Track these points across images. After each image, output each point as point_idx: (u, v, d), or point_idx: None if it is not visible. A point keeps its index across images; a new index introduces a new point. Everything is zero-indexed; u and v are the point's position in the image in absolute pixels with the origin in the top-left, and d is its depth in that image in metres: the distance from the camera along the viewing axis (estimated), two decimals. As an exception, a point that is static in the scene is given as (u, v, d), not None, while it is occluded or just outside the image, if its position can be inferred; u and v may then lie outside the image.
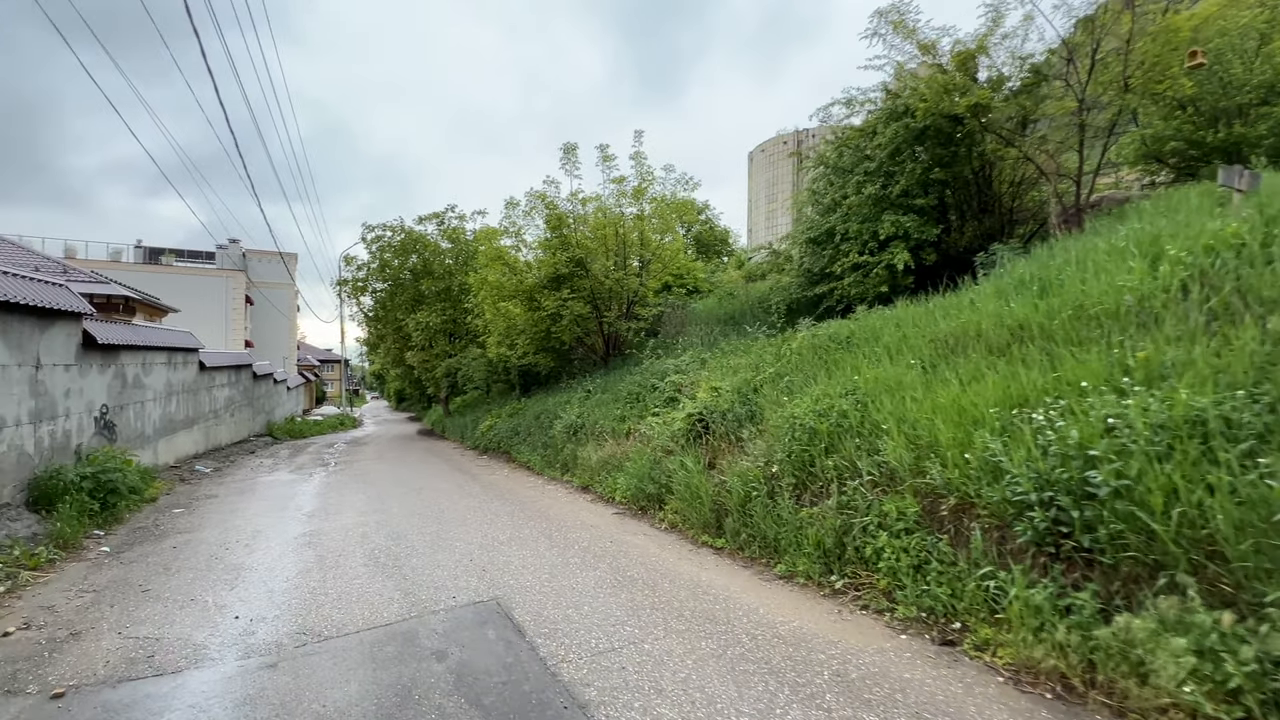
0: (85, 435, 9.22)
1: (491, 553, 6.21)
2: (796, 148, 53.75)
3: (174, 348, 13.31)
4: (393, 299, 25.12)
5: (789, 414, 6.15)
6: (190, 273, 40.16)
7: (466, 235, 24.47)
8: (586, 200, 15.07)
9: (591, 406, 12.03)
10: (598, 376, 14.46)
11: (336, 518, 8.16)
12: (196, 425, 15.13)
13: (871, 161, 10.59)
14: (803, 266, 12.12)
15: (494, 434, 15.49)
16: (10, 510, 6.85)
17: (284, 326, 48.45)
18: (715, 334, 13.21)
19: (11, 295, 7.07)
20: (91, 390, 9.47)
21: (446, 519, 7.84)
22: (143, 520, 8.26)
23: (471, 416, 20.12)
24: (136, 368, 11.28)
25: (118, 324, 10.61)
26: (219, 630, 4.45)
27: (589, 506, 8.36)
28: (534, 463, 12.03)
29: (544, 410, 13.78)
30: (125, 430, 10.75)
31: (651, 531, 6.87)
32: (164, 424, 12.80)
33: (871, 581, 4.52)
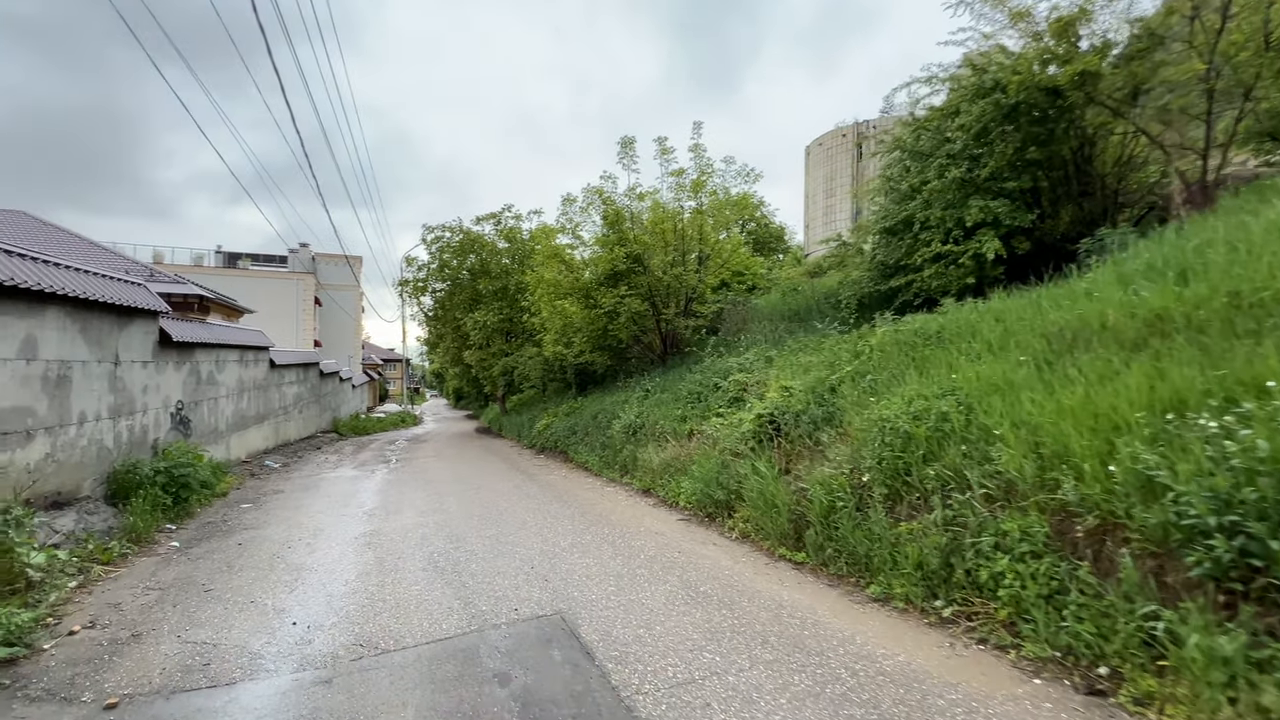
0: (162, 430, 9.47)
1: (553, 560, 5.87)
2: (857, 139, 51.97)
3: (246, 346, 13.69)
4: (451, 299, 25.45)
5: (877, 416, 5.56)
6: (264, 276, 42.11)
7: (523, 235, 24.56)
8: (644, 195, 14.68)
9: (650, 406, 11.63)
10: (655, 375, 14.06)
11: (396, 517, 8.04)
12: (267, 421, 15.58)
13: (954, 143, 9.76)
14: (875, 259, 11.35)
15: (550, 433, 15.31)
16: (89, 503, 7.00)
17: (350, 327, 50.29)
18: (779, 331, 12.58)
19: (91, 293, 7.24)
20: (167, 386, 9.73)
21: (506, 522, 7.58)
22: (212, 515, 8.36)
23: (528, 415, 20.07)
24: (210, 365, 11.60)
25: (193, 322, 10.93)
26: (276, 637, 4.25)
27: (652, 511, 7.95)
28: (592, 463, 11.72)
29: (601, 410, 13.47)
30: (199, 425, 11.06)
31: (722, 541, 6.39)
32: (236, 420, 13.17)
33: (988, 611, 3.91)
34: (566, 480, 10.88)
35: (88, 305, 7.36)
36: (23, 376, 6.27)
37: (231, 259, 44.37)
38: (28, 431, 6.33)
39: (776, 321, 13.39)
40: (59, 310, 6.85)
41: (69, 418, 7.04)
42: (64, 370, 6.96)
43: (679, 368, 14.01)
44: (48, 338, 6.66)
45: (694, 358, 14.35)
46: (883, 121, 50.58)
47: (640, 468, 9.73)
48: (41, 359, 6.56)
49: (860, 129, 51.85)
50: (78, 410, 7.21)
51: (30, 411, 6.38)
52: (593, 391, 17.38)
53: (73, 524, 6.31)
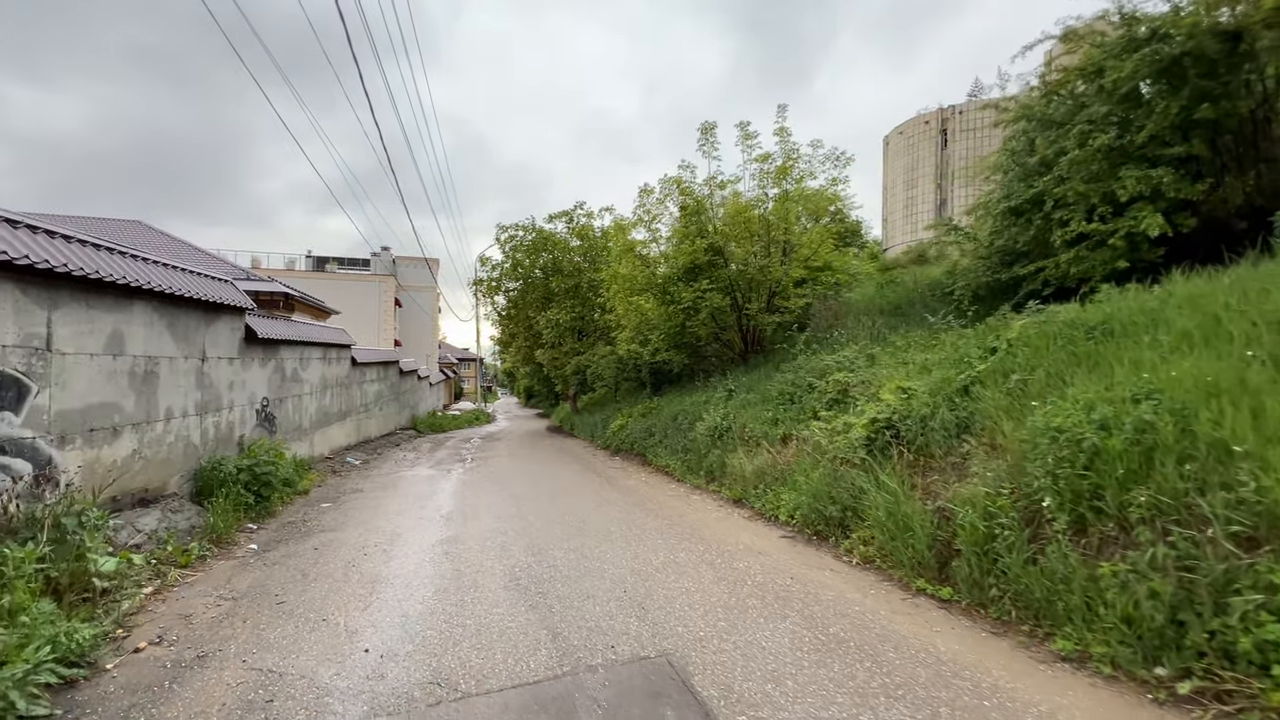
0: (247, 427, 9.46)
1: (647, 582, 5.16)
2: (941, 125, 48.91)
3: (329, 344, 13.81)
4: (524, 297, 25.40)
5: (1044, 424, 4.52)
6: (348, 278, 43.92)
7: (595, 232, 24.18)
8: (725, 183, 13.82)
9: (736, 408, 10.77)
10: (737, 375, 13.17)
11: (474, 522, 7.57)
12: (348, 418, 15.76)
13: (1097, 106, 8.39)
14: (994, 245, 10.04)
15: (626, 435, 14.69)
16: (174, 501, 6.88)
17: (428, 327, 51.83)
18: (877, 327, 11.43)
19: (178, 288, 7.14)
20: (253, 383, 9.73)
21: (589, 531, 6.95)
22: (293, 514, 8.19)
23: (600, 415, 19.59)
24: (294, 362, 11.66)
25: (278, 320, 11.00)
26: (346, 667, 3.74)
27: (749, 526, 7.12)
28: (673, 468, 10.98)
29: (681, 411, 12.71)
30: (284, 422, 11.09)
31: (839, 566, 5.49)
32: (319, 417, 13.27)
33: (1254, 691, 2.89)
34: (647, 486, 10.18)
35: (175, 301, 7.28)
36: (109, 372, 6.16)
37: (320, 263, 46.58)
38: (114, 428, 6.22)
39: (873, 316, 12.21)
40: (146, 305, 6.76)
41: (156, 414, 6.95)
42: (151, 366, 6.87)
43: (763, 367, 13.07)
44: (135, 333, 6.56)
45: (778, 356, 13.37)
46: (971, 106, 47.39)
47: (729, 475, 8.91)
48: (129, 354, 6.46)
49: (945, 114, 48.81)
50: (165, 406, 7.13)
51: (117, 408, 6.28)
52: (668, 391, 16.65)
53: (155, 523, 6.14)
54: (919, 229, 49.25)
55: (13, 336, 4.95)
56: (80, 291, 5.71)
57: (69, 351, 5.58)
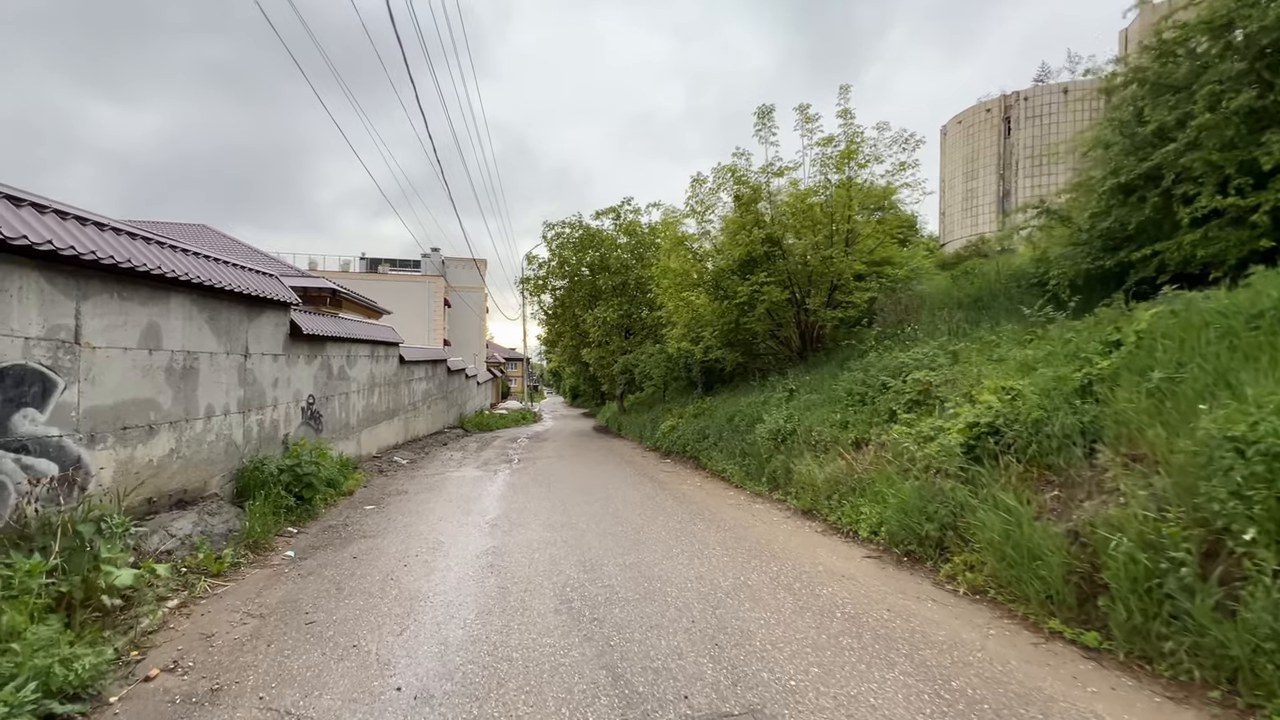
0: (292, 426, 9.20)
1: (718, 610, 4.46)
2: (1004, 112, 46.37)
3: (376, 341, 13.60)
4: (570, 295, 25.03)
5: (1220, 432, 3.61)
6: (399, 279, 44.65)
7: (642, 228, 23.58)
8: (784, 170, 12.95)
9: (799, 409, 9.94)
10: (797, 374, 12.30)
11: (521, 531, 7.02)
12: (396, 417, 15.58)
13: (1229, 63, 7.23)
14: (1095, 228, 8.89)
15: (677, 436, 13.99)
16: (212, 503, 6.56)
17: (476, 326, 52.34)
18: (955, 321, 10.40)
19: (218, 280, 6.84)
20: (298, 380, 9.47)
21: (646, 545, 6.30)
22: (335, 517, 7.82)
23: (649, 415, 18.95)
24: (341, 360, 11.43)
25: (324, 316, 10.79)
26: (374, 711, 3.18)
27: (824, 542, 6.33)
28: (731, 473, 10.22)
29: (737, 412, 11.93)
30: (330, 421, 10.85)
31: (943, 597, 4.66)
32: (367, 415, 13.07)
33: None
34: (703, 492, 9.46)
35: (215, 294, 6.98)
36: (144, 367, 5.85)
37: (373, 265, 47.58)
38: (150, 426, 5.91)
39: (948, 310, 11.16)
40: (184, 298, 6.46)
41: (195, 411, 6.66)
42: (190, 361, 6.57)
43: (825, 365, 12.17)
44: (172, 327, 6.26)
45: (841, 354, 12.45)
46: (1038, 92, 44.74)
47: (796, 483, 8.11)
48: (165, 349, 6.15)
49: (1008, 101, 46.28)
50: (205, 404, 6.83)
51: (153, 404, 5.97)
52: (721, 391, 15.87)
53: (190, 527, 5.80)
54: (980, 222, 46.85)
55: (37, 328, 4.63)
56: (112, 282, 5.39)
57: (100, 345, 5.26)
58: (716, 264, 13.96)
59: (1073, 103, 43.58)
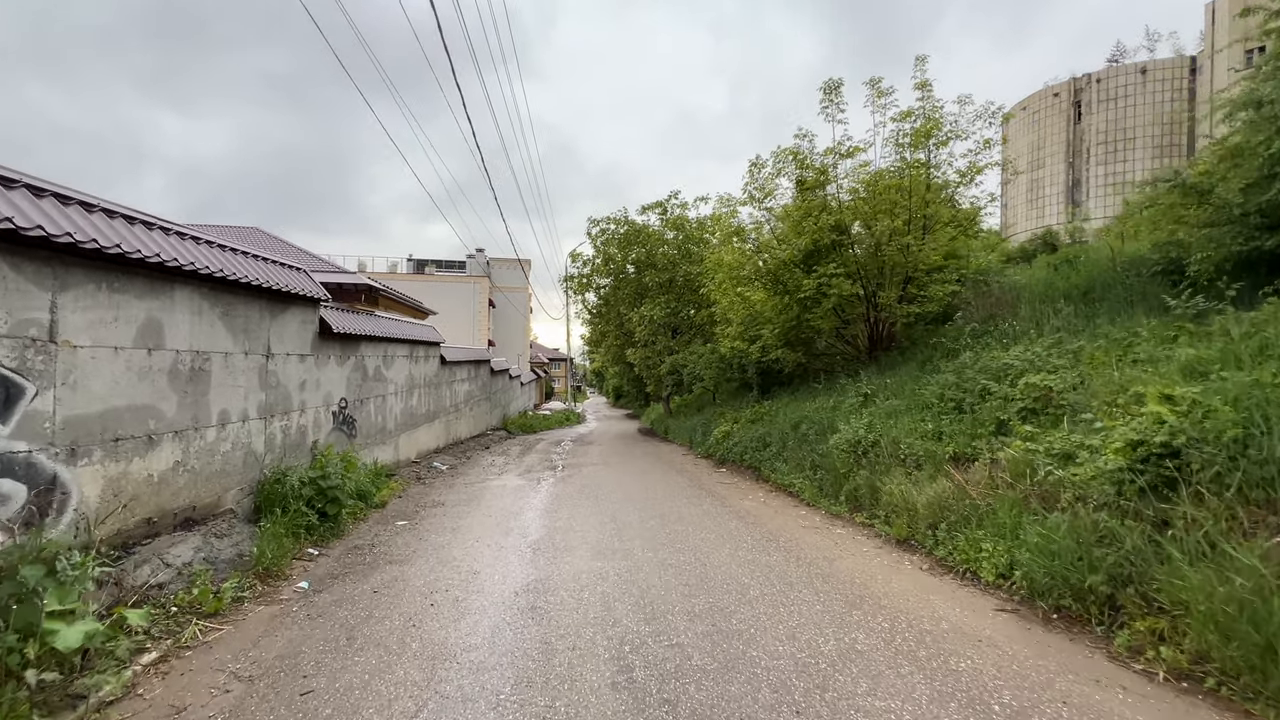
0: (322, 431, 8.47)
1: (826, 691, 3.34)
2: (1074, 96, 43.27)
3: (416, 340, 12.91)
4: (615, 294, 24.13)
5: None
6: (445, 280, 44.73)
7: (690, 223, 22.47)
8: (854, 150, 11.64)
9: (880, 417, 8.67)
10: (869, 376, 10.98)
11: (566, 558, 6.04)
12: (437, 420, 14.91)
13: None
14: (1250, 203, 7.34)
15: (733, 444, 12.81)
16: (223, 522, 5.80)
17: (520, 327, 52.16)
18: (1067, 316, 8.93)
19: (231, 272, 6.09)
20: (329, 382, 8.75)
21: (715, 582, 5.21)
22: (362, 535, 7.01)
23: (699, 419, 17.81)
24: (377, 360, 10.72)
25: (359, 314, 10.10)
26: None
27: (935, 585, 5.11)
28: (800, 489, 9.00)
29: (803, 418, 10.70)
30: (366, 425, 10.15)
31: (1133, 681, 3.41)
32: (405, 419, 12.38)
33: None
34: (770, 510, 8.30)
35: (229, 287, 6.24)
36: (141, 369, 5.10)
37: (420, 266, 47.86)
38: (149, 436, 5.16)
39: (1051, 303, 9.67)
40: (192, 291, 5.72)
41: (207, 418, 5.91)
42: (200, 362, 5.83)
43: (900, 366, 10.82)
44: (177, 323, 5.51)
45: (915, 354, 11.08)
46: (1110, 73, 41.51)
47: (886, 505, 6.88)
48: (169, 348, 5.41)
49: (1078, 85, 43.22)
50: (218, 409, 6.09)
51: (153, 412, 5.22)
52: (779, 394, 14.60)
53: (191, 553, 5.02)
54: (1046, 213, 43.84)
55: (-3, 323, 3.87)
56: (99, 271, 4.64)
57: (84, 344, 4.51)
58: (775, 256, 12.74)
59: (1153, 83, 40.29)
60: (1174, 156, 38.77)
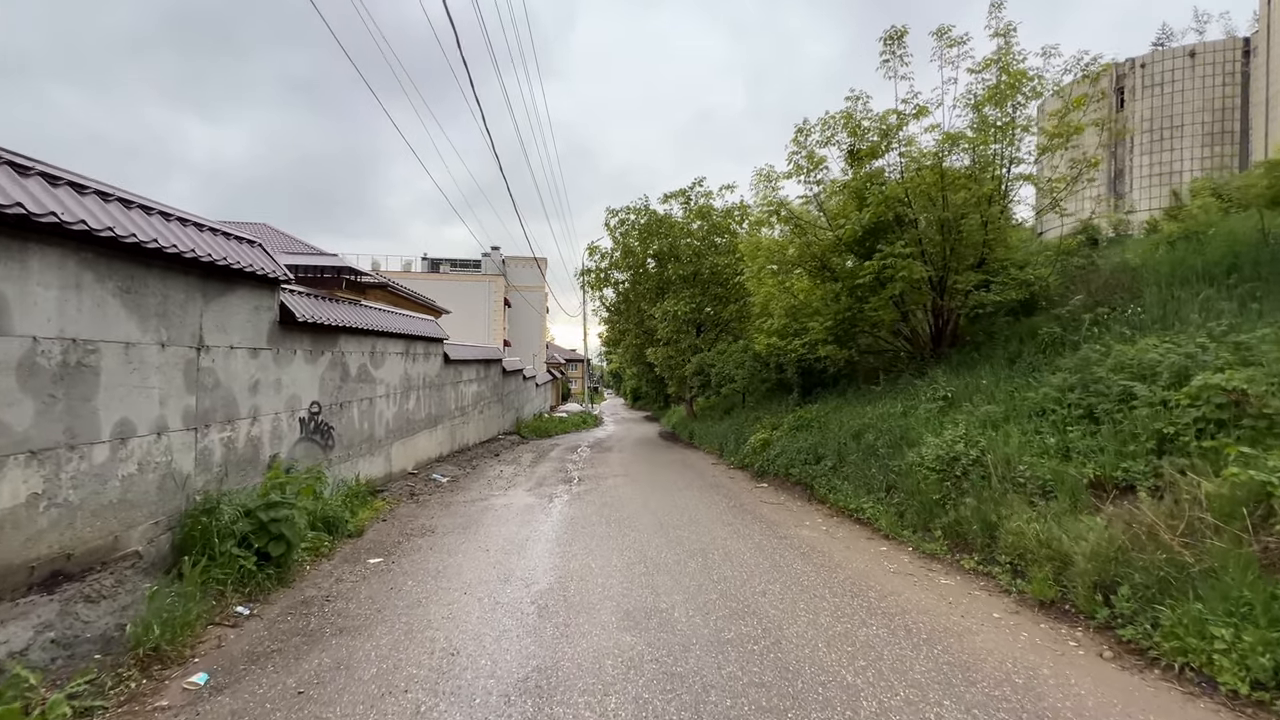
0: (285, 443, 6.85)
1: None
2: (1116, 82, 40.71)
3: (413, 336, 11.29)
4: (635, 288, 22.42)
5: None
6: (460, 278, 43.37)
7: (715, 212, 20.69)
8: (922, 109, 9.79)
9: (975, 427, 6.84)
10: (939, 374, 9.13)
11: (583, 625, 4.30)
12: (440, 425, 13.29)
13: None
14: None
15: (774, 454, 10.99)
16: (113, 574, 4.16)
17: (536, 327, 50.69)
18: (1210, 299, 7.03)
19: (132, 234, 4.45)
20: (295, 383, 7.13)
21: (807, 690, 3.44)
22: (318, 583, 5.35)
23: (729, 424, 16.00)
24: (362, 357, 9.10)
25: (338, 303, 8.49)
26: None
27: (1145, 696, 3.29)
28: (873, 515, 7.16)
29: (865, 426, 8.87)
30: (346, 434, 8.52)
31: None
32: (400, 425, 10.76)
33: None
34: (838, 543, 6.49)
35: (132, 255, 4.62)
36: (-36, 364, 3.48)
37: (434, 265, 46.59)
38: (-19, 460, 3.54)
39: (1186, 285, 7.76)
40: (64, 256, 4.09)
41: (92, 432, 4.28)
42: (80, 355, 4.20)
43: (981, 364, 8.95)
44: (33, 298, 3.88)
45: (992, 349, 9.22)
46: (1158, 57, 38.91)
47: (1010, 548, 5.06)
48: (18, 334, 3.78)
49: (1120, 70, 40.60)
50: (113, 420, 4.46)
51: (-9, 425, 3.60)
52: (824, 397, 12.74)
53: (31, 633, 3.37)
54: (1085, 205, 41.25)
55: None
56: None
57: None
58: (821, 238, 10.94)
59: (1203, 67, 37.67)
60: (1226, 144, 36.21)
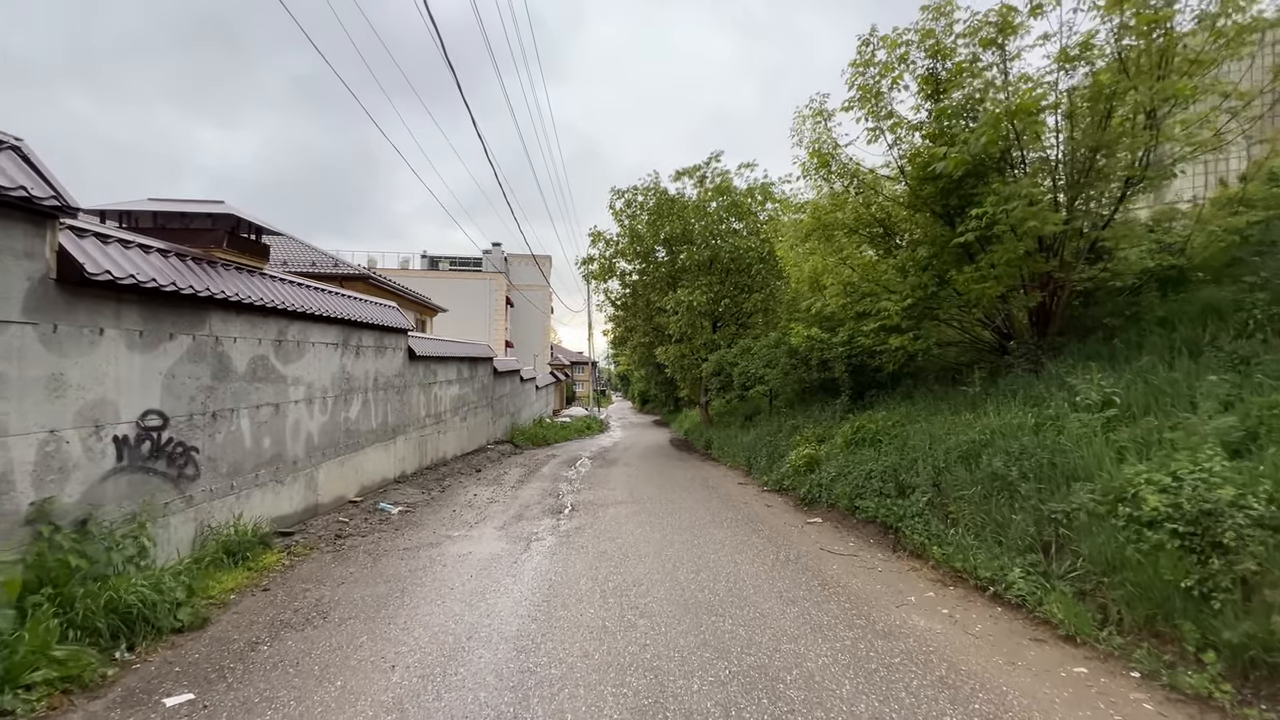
0: (77, 478, 4.13)
1: None
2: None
3: (354, 322, 8.55)
4: (643, 279, 19.64)
5: None
6: (459, 277, 40.81)
7: (735, 190, 17.90)
8: (1039, 6, 6.96)
9: (1212, 457, 4.01)
10: (1055, 370, 6.30)
11: None
12: (402, 436, 10.55)
13: None
14: None
15: (830, 478, 8.15)
16: None
17: (540, 327, 48.07)
18: None
19: None
20: (102, 381, 4.42)
21: None
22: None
23: (757, 433, 13.15)
24: (259, 345, 6.39)
25: (216, 266, 5.73)
26: None
27: None
28: (1031, 597, 4.33)
29: (980, 443, 5.99)
30: (229, 456, 5.80)
31: None
32: (333, 439, 8.02)
33: None
34: (987, 649, 3.66)
35: None
36: None
37: (433, 262, 44.08)
38: None
39: None
40: None
41: None
42: None
43: (1133, 358, 6.10)
44: None
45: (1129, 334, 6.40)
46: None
47: None
48: None
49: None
50: None
51: None
52: (884, 401, 9.85)
53: None
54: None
55: None
56: None
57: None
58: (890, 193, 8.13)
59: None
60: None
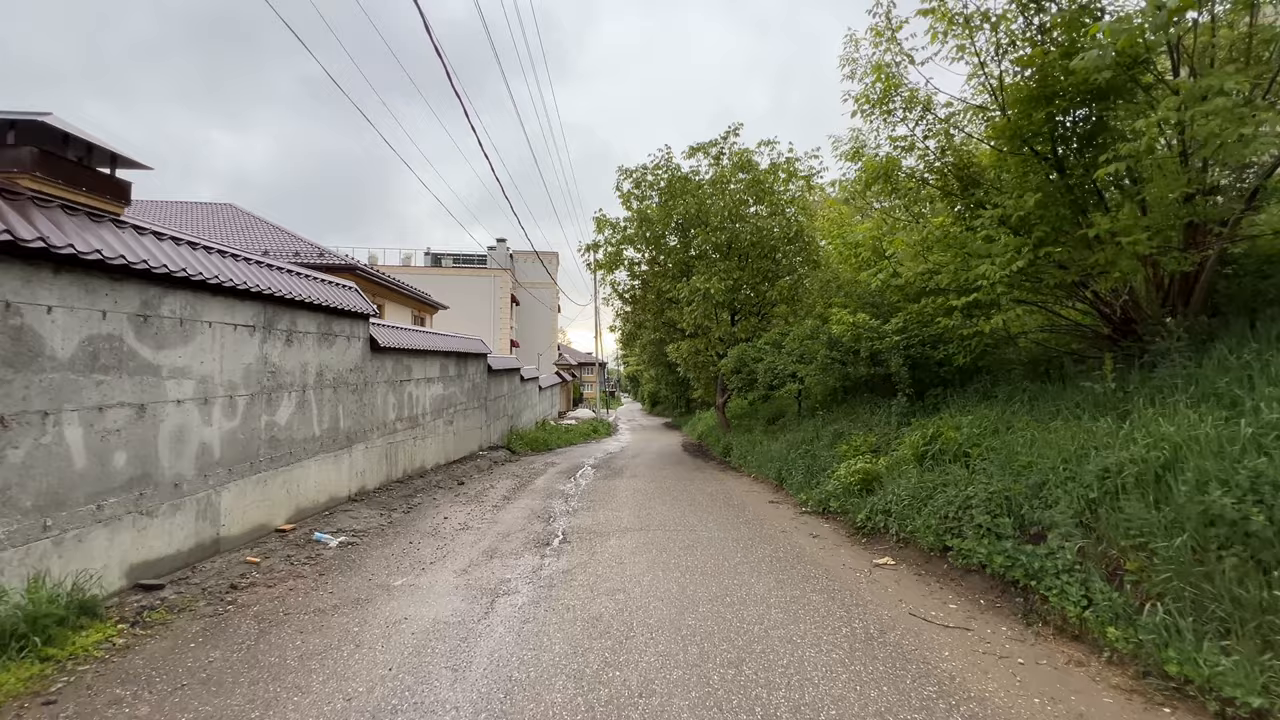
0: None
1: None
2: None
3: (283, 299, 6.65)
4: (653, 268, 17.67)
5: None
6: (463, 274, 39.10)
7: (757, 167, 15.91)
8: None
9: None
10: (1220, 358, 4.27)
11: None
12: (360, 444, 8.64)
13: None
14: None
15: (901, 502, 6.13)
16: None
17: (547, 326, 46.29)
18: None
19: None
20: None
21: None
22: None
23: (788, 440, 11.13)
24: (109, 322, 4.51)
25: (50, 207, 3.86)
26: None
27: None
28: None
29: (1152, 463, 4.00)
30: (41, 479, 3.91)
31: None
32: (247, 449, 6.13)
33: None
34: None
35: None
36: None
37: (436, 259, 42.43)
38: None
39: None
40: None
41: None
42: None
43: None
44: None
45: None
46: None
47: None
48: None
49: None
50: None
51: None
52: (955, 402, 7.80)
53: None
54: None
55: None
56: None
57: None
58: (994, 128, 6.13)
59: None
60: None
